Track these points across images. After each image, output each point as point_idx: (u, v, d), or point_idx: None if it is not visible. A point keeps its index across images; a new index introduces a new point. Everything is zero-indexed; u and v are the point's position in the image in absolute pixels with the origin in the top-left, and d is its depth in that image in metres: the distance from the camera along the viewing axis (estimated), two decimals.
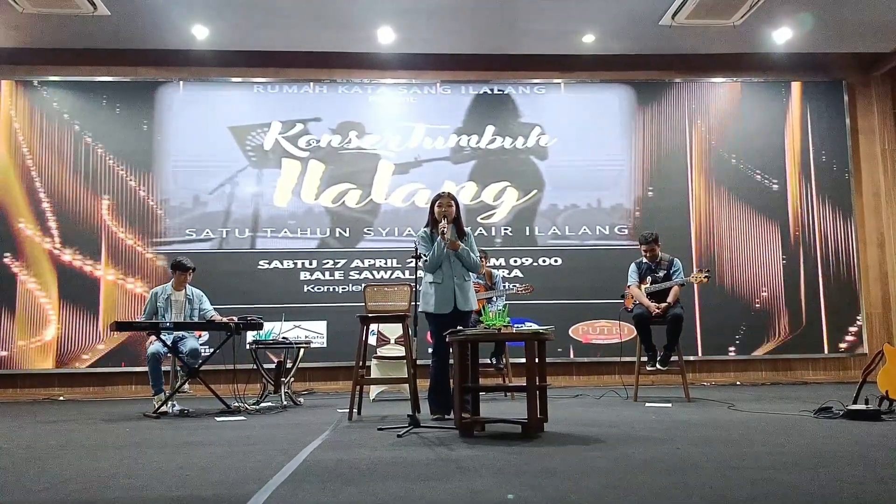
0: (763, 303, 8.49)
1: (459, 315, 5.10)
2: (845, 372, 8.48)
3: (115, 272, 8.23)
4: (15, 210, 8.23)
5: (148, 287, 7.98)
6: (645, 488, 2.67)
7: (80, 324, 8.12)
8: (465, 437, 4.09)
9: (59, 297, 8.13)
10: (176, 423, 5.15)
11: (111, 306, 8.18)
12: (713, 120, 8.82)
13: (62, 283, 8.15)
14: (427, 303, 5.15)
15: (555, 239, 8.57)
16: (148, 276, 8.24)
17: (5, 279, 8.11)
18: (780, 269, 8.57)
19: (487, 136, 8.69)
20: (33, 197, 8.26)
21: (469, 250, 5.13)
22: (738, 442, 3.79)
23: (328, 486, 2.79)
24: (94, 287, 8.19)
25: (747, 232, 8.62)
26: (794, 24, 8.02)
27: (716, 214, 8.63)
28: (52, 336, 8.07)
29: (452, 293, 5.10)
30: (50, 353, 8.05)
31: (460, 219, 5.29)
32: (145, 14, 7.67)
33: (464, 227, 5.30)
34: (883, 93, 8.95)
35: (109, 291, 8.21)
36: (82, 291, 8.16)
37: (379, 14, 7.78)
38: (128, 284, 8.24)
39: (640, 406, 5.86)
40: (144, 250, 8.29)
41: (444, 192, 5.26)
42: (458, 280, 5.12)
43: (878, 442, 3.68)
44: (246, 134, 8.56)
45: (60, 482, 2.96)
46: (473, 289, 5.29)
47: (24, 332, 8.07)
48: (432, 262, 5.10)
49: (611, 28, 8.14)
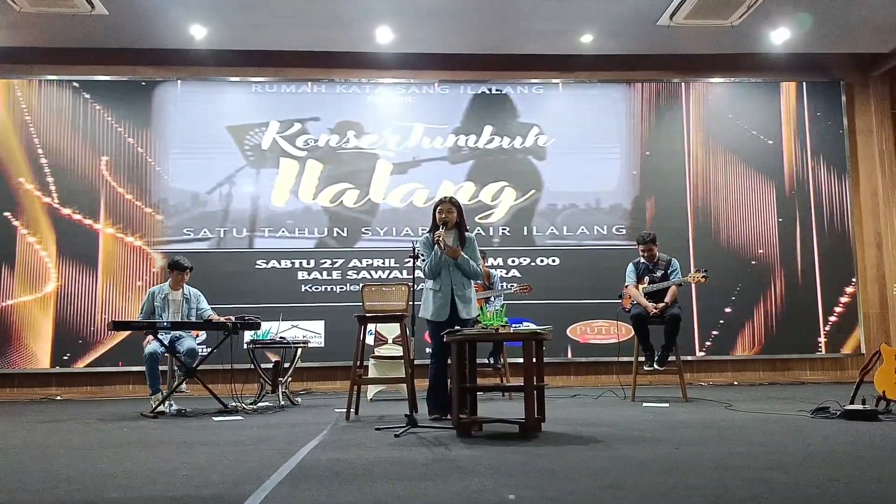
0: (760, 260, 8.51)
1: (459, 323, 5.03)
2: (842, 372, 8.49)
3: (115, 228, 8.31)
4: (14, 168, 8.25)
5: (146, 241, 8.18)
6: (643, 488, 2.67)
7: (79, 278, 8.18)
8: (462, 437, 4.08)
9: (58, 252, 8.18)
10: (173, 423, 5.15)
11: (110, 260, 8.22)
12: (711, 120, 8.82)
13: (61, 239, 8.21)
14: (426, 308, 5.12)
15: (553, 239, 8.57)
16: (146, 231, 8.31)
17: (5, 235, 8.14)
18: (775, 230, 8.61)
19: (485, 135, 8.69)
20: (32, 153, 8.30)
21: (469, 259, 5.04)
22: (736, 442, 3.79)
23: (325, 486, 2.79)
24: (93, 241, 8.26)
25: (744, 227, 8.62)
26: (792, 24, 8.02)
27: (714, 216, 8.63)
28: (52, 289, 8.11)
29: (450, 301, 5.03)
30: (49, 308, 8.09)
31: (463, 223, 5.21)
32: (143, 13, 7.66)
33: (466, 232, 5.22)
34: (881, 93, 8.96)
35: (108, 245, 8.24)
36: (81, 246, 8.23)
37: (377, 14, 7.78)
38: (127, 238, 8.27)
39: (638, 406, 5.86)
40: (143, 206, 8.33)
41: (446, 197, 5.20)
42: (458, 288, 5.05)
43: (874, 442, 3.69)
44: (244, 133, 8.56)
45: (58, 482, 2.96)
46: (475, 295, 5.23)
47: (25, 286, 8.12)
48: (430, 269, 5.06)
49: (609, 28, 8.14)
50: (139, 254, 8.29)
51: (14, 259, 8.15)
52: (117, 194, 8.33)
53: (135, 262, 8.27)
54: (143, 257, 8.29)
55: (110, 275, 8.20)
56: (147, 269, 8.25)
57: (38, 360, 8.02)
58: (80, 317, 8.11)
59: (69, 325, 8.09)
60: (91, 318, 8.12)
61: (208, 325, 6.07)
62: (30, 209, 8.23)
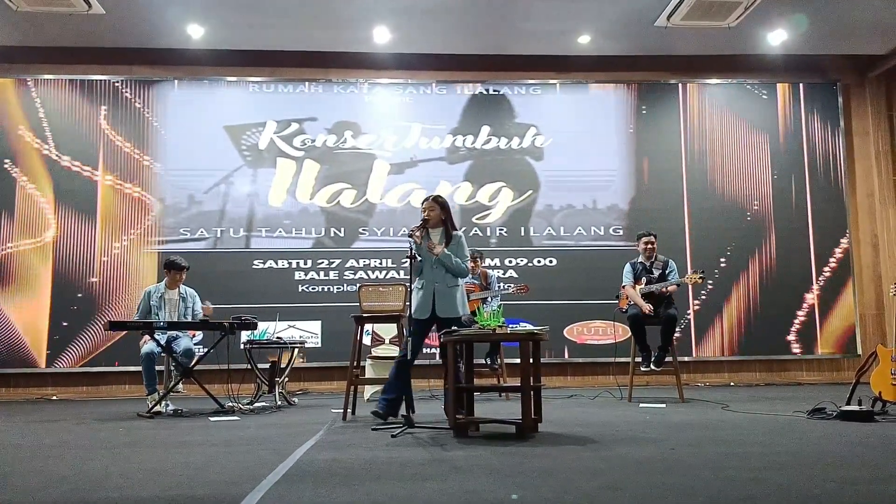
0: None
1: (440, 321, 4.94)
2: (839, 373, 8.50)
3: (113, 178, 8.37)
4: (14, 120, 8.31)
5: (144, 194, 8.28)
6: (639, 489, 2.67)
7: (78, 226, 8.23)
8: (459, 438, 4.09)
9: (57, 200, 8.24)
10: (170, 423, 5.14)
11: (109, 210, 8.28)
12: (708, 121, 8.83)
13: (59, 188, 8.28)
14: (412, 307, 5.06)
15: (550, 239, 8.57)
16: (144, 184, 8.35)
17: (5, 184, 8.20)
18: (772, 228, 8.60)
19: (483, 136, 8.69)
20: (30, 106, 8.35)
21: (451, 255, 4.96)
22: (732, 443, 3.80)
23: (322, 486, 2.79)
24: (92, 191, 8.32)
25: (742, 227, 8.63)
26: (788, 25, 8.04)
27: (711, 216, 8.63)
28: (52, 237, 8.18)
29: (431, 299, 4.93)
30: (49, 256, 8.16)
31: (450, 221, 5.16)
32: (140, 13, 7.65)
33: (452, 230, 5.11)
34: (878, 94, 8.97)
35: (107, 195, 8.32)
36: (80, 195, 8.30)
37: (375, 14, 7.77)
38: (125, 189, 8.33)
39: (635, 407, 5.86)
40: (141, 158, 8.37)
41: (431, 196, 5.17)
42: (440, 285, 4.94)
43: (871, 442, 3.70)
44: (241, 133, 8.55)
45: (54, 482, 2.95)
46: (462, 295, 5.08)
47: (24, 233, 8.19)
48: (412, 269, 4.99)
49: (606, 29, 8.14)
50: (137, 203, 8.35)
51: (13, 207, 8.20)
52: (115, 146, 8.39)
53: (133, 211, 8.34)
54: (141, 206, 8.34)
55: (109, 223, 8.29)
56: (144, 218, 8.31)
57: (39, 304, 8.09)
58: (77, 263, 8.21)
59: (67, 270, 8.17)
60: (90, 263, 8.22)
61: (205, 326, 6.06)
62: (29, 158, 8.31)
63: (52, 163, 8.28)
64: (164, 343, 5.98)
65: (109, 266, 8.22)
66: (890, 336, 8.36)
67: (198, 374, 5.99)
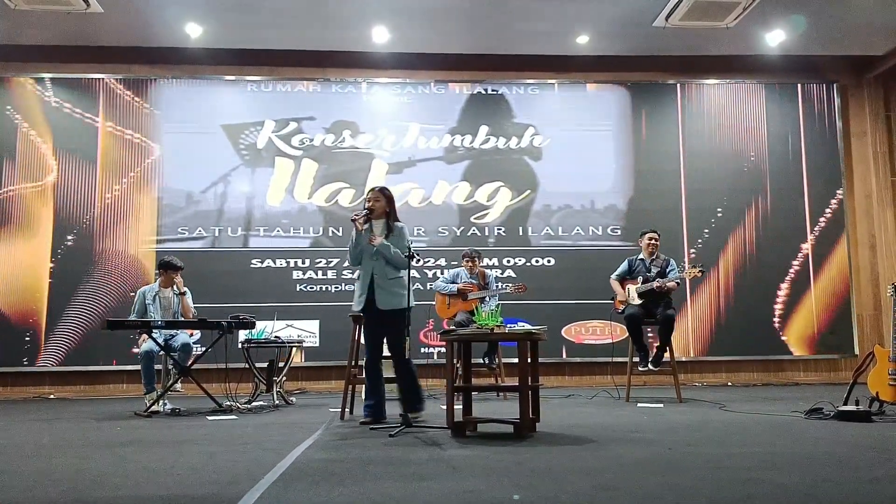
0: None
1: (381, 314, 4.88)
2: (836, 373, 8.51)
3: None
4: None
5: (144, 138, 8.37)
6: (636, 488, 2.67)
7: (78, 171, 8.30)
8: (457, 437, 4.09)
9: (56, 147, 8.31)
10: (167, 423, 5.14)
11: (109, 156, 8.35)
12: (706, 121, 8.83)
13: (59, 134, 8.35)
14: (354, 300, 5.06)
15: (548, 239, 8.57)
16: (144, 129, 8.42)
17: (6, 129, 8.27)
18: (770, 232, 8.61)
19: (481, 136, 8.68)
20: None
21: (391, 246, 4.87)
22: (730, 443, 3.80)
23: (320, 485, 2.79)
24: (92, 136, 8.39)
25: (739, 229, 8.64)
26: (786, 26, 8.04)
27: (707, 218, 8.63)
28: (52, 180, 8.25)
29: (370, 290, 4.89)
30: (49, 200, 8.22)
31: (393, 213, 5.08)
32: (138, 12, 7.63)
33: (393, 221, 5.05)
34: (875, 95, 8.98)
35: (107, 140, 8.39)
36: (80, 142, 8.36)
37: (373, 13, 7.77)
38: (125, 135, 8.39)
39: (632, 406, 5.87)
40: (140, 106, 8.42)
41: (377, 187, 5.12)
42: (379, 277, 4.89)
43: (868, 443, 3.70)
44: (239, 133, 8.54)
45: (51, 481, 2.95)
46: (405, 286, 4.91)
47: (26, 177, 8.25)
48: (350, 256, 5.02)
49: (605, 29, 8.14)
50: (136, 147, 8.41)
51: (15, 152, 8.26)
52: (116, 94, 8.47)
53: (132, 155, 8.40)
54: (140, 150, 8.40)
55: (108, 168, 8.36)
56: (143, 160, 8.37)
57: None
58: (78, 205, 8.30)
59: (67, 213, 8.24)
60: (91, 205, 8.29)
61: (203, 325, 6.05)
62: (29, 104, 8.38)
63: (52, 110, 8.36)
64: (161, 342, 5.98)
65: (110, 206, 8.30)
66: (887, 336, 8.38)
67: (195, 373, 5.99)
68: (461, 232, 8.53)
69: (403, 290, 4.92)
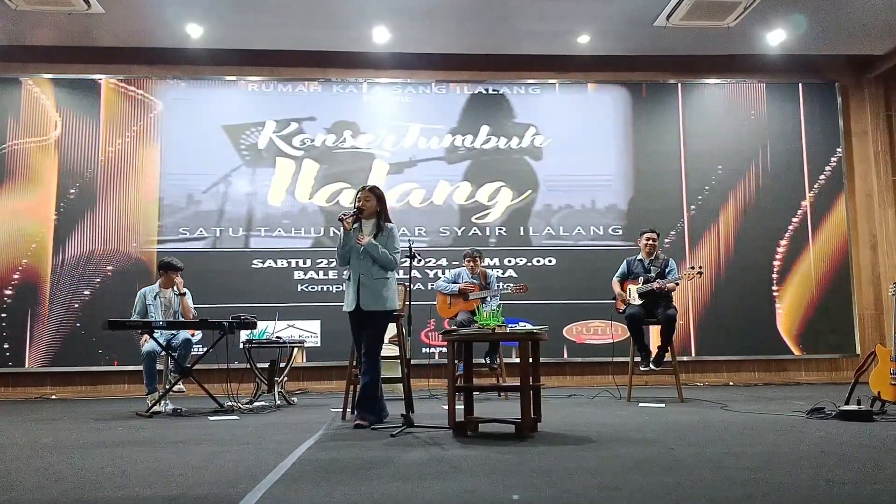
0: None
1: (366, 315, 4.83)
2: (837, 373, 8.50)
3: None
4: None
5: (147, 96, 8.42)
6: (638, 488, 2.68)
7: (82, 128, 8.35)
8: (458, 437, 4.09)
9: (58, 105, 8.36)
10: (169, 423, 5.14)
11: (112, 112, 8.40)
12: (707, 121, 8.82)
13: (61, 91, 8.41)
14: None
15: (549, 239, 8.56)
16: (146, 87, 8.46)
17: (10, 86, 8.36)
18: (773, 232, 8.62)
19: (482, 136, 8.67)
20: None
21: (378, 245, 4.83)
22: (732, 442, 3.80)
23: (321, 485, 2.79)
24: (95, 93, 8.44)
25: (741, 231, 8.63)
26: (787, 25, 8.04)
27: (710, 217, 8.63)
28: (57, 136, 8.32)
29: (356, 291, 4.83)
30: (54, 156, 8.27)
31: (384, 213, 5.02)
32: (139, 12, 7.63)
33: (384, 221, 5.00)
34: (876, 95, 8.97)
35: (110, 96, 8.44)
36: (82, 98, 8.40)
37: (374, 13, 7.76)
38: (128, 92, 8.45)
39: (634, 406, 5.87)
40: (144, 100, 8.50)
41: (367, 186, 5.08)
42: (365, 277, 4.82)
43: (870, 443, 3.70)
44: (240, 133, 8.54)
45: (52, 481, 2.95)
46: (391, 288, 4.93)
47: (28, 132, 8.31)
48: (339, 256, 4.96)
49: (605, 29, 8.14)
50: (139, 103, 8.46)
51: (20, 109, 8.31)
52: None
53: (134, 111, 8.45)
54: (143, 105, 8.46)
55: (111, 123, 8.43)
56: (145, 115, 8.44)
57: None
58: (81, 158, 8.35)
59: (71, 166, 8.31)
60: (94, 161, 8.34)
61: (205, 325, 6.06)
62: None
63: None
64: (163, 342, 5.99)
65: (112, 158, 8.37)
66: (889, 336, 8.38)
67: (197, 373, 6.00)
68: (462, 232, 8.52)
69: (389, 291, 4.89)
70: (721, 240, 8.62)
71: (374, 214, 5.01)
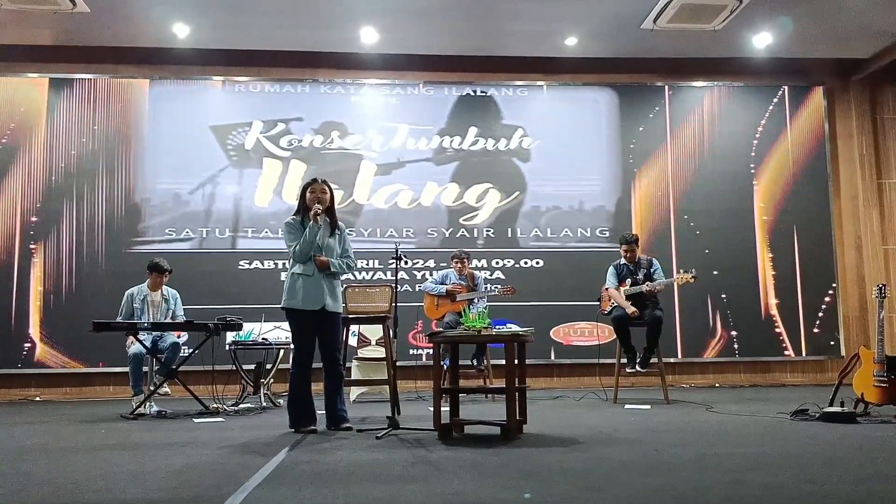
0: None
1: (327, 316, 4.67)
2: (822, 374, 8.54)
3: None
4: None
5: (127, 94, 8.37)
6: (621, 489, 2.68)
7: (66, 127, 8.34)
8: (443, 439, 4.09)
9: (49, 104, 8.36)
10: (153, 425, 5.11)
11: (95, 111, 8.39)
12: (694, 124, 8.85)
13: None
14: (293, 297, 4.63)
15: (536, 241, 8.56)
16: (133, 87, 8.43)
17: None
18: (757, 233, 8.65)
19: (470, 137, 8.68)
20: None
21: (341, 262, 4.78)
22: (715, 443, 3.82)
23: (305, 487, 2.78)
24: None
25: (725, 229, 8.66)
26: (773, 28, 8.08)
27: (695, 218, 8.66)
28: None
29: (322, 289, 4.64)
30: (33, 154, 8.22)
31: (334, 210, 4.93)
32: (125, 12, 7.59)
33: (338, 220, 4.93)
34: (861, 98, 9.02)
35: None
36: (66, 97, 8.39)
37: (362, 14, 7.75)
38: (113, 91, 8.45)
39: (620, 408, 5.88)
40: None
41: (319, 179, 4.85)
42: (328, 277, 4.69)
43: (853, 444, 3.72)
44: (227, 133, 8.50)
45: (35, 484, 2.93)
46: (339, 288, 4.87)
47: None
48: (304, 248, 4.64)
49: (593, 31, 8.15)
50: None
51: None
52: None
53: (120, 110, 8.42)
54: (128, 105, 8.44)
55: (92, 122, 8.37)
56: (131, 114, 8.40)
57: None
58: None
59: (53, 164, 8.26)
60: None
61: (190, 326, 6.03)
62: None
63: None
64: (149, 345, 5.96)
65: (96, 157, 8.25)
66: (873, 338, 8.44)
67: (182, 375, 5.97)
68: (450, 233, 8.51)
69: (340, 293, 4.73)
70: (706, 242, 8.64)
71: (327, 209, 4.82)
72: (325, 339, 4.72)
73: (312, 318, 4.64)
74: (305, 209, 4.78)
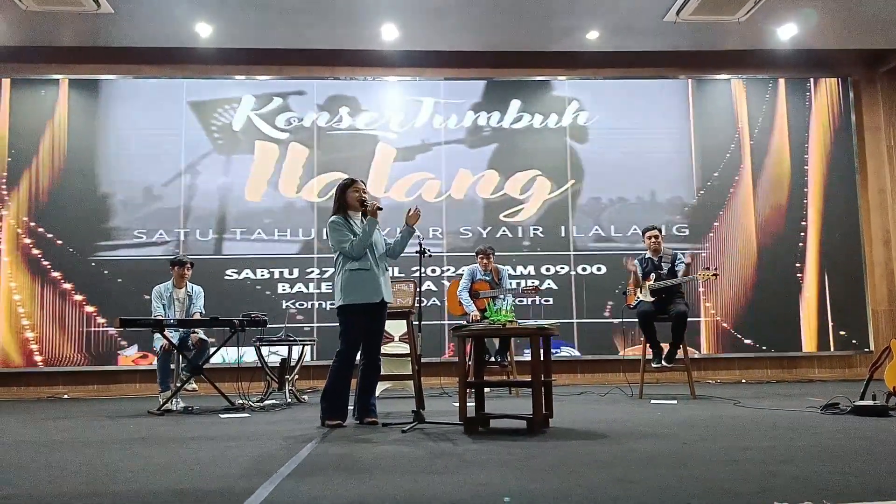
0: None
1: (383, 307, 4.66)
2: (851, 370, 8.43)
3: None
4: None
5: None
6: (651, 481, 2.65)
7: None
8: (469, 433, 4.07)
9: None
10: (180, 420, 5.15)
11: None
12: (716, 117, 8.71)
13: None
14: (355, 292, 4.53)
15: (597, 241, 7.67)
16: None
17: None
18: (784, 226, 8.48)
19: (512, 112, 7.67)
20: None
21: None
22: (745, 437, 3.77)
23: (332, 479, 2.77)
24: None
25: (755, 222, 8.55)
26: (798, 20, 7.98)
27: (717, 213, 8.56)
28: None
29: (380, 282, 4.60)
30: None
31: None
32: (149, 12, 7.64)
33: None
34: (889, 89, 8.89)
35: None
36: None
37: (383, 11, 7.75)
38: None
39: (646, 403, 5.83)
40: None
41: (357, 179, 4.82)
42: (382, 269, 4.67)
43: (885, 437, 3.66)
44: (211, 111, 7.52)
45: (65, 476, 2.96)
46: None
47: None
48: (363, 243, 4.53)
49: (615, 24, 8.08)
50: None
51: None
52: None
53: None
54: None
55: None
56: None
57: None
58: None
59: None
60: None
61: (215, 323, 6.06)
62: None
63: None
64: (176, 342, 6.02)
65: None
66: None
67: (208, 371, 6.02)
68: (488, 233, 7.54)
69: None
70: (736, 237, 8.51)
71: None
72: (375, 330, 4.73)
73: (370, 311, 4.62)
74: (344, 207, 4.70)
